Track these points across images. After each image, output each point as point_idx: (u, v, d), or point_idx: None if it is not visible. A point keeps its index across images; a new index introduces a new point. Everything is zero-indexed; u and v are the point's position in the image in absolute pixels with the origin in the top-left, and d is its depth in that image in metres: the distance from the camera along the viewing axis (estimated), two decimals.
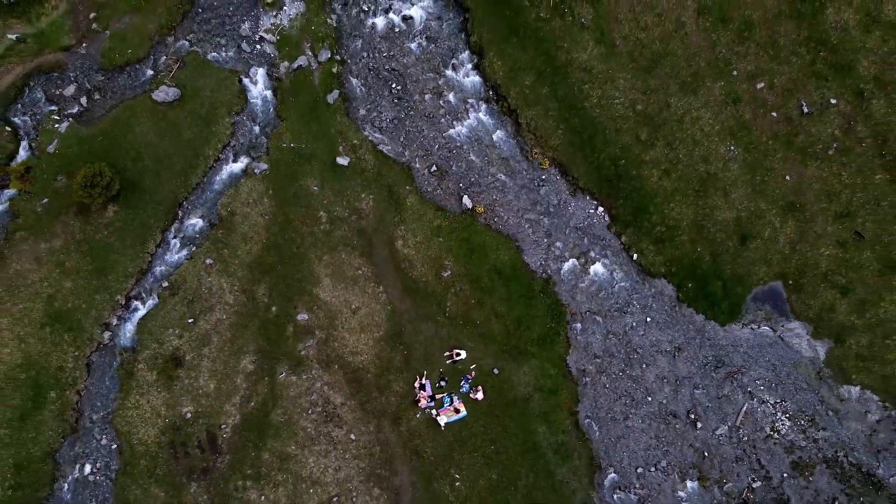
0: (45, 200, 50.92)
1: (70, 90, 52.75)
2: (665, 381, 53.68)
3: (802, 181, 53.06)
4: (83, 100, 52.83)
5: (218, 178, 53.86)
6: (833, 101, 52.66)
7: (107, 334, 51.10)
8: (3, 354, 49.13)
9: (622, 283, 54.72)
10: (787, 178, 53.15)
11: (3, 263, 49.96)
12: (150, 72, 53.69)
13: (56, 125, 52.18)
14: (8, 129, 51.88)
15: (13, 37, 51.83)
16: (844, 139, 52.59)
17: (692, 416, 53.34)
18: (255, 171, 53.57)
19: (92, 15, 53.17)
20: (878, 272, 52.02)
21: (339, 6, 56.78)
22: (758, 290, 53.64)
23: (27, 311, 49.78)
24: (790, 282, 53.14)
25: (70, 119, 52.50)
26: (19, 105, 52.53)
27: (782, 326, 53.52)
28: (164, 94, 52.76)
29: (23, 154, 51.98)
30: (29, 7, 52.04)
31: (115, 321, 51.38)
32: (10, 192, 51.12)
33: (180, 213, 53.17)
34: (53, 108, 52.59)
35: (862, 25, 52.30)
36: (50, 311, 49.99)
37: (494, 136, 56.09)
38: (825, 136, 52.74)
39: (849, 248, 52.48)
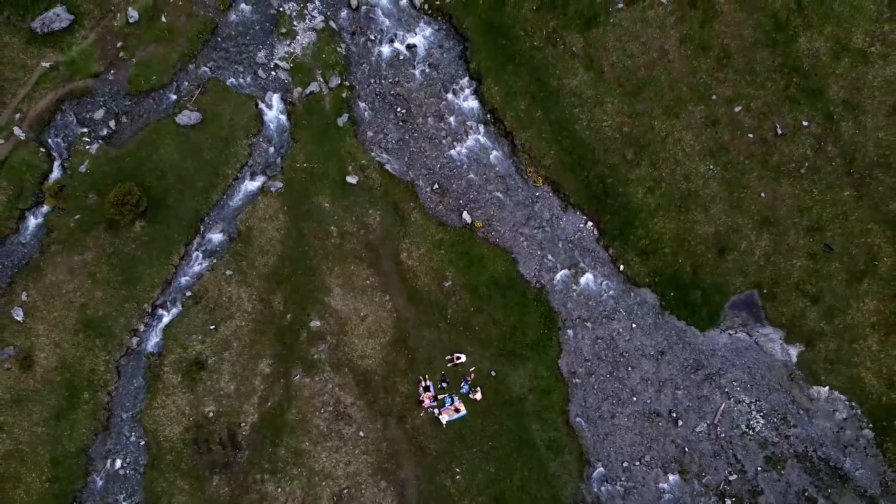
0: (78, 216, 52.42)
1: (99, 114, 54.19)
2: (649, 382, 54.77)
3: (776, 198, 54.54)
4: (112, 123, 54.21)
5: (237, 196, 55.08)
6: (805, 124, 54.18)
7: (135, 340, 52.46)
8: (41, 358, 50.56)
9: (610, 292, 56.04)
10: (762, 194, 54.58)
11: (40, 274, 51.48)
12: (173, 97, 54.90)
13: (87, 146, 53.45)
14: (42, 150, 53.18)
15: (46, 65, 53.43)
16: (815, 158, 54.17)
17: (674, 415, 54.45)
18: (271, 189, 54.89)
19: (119, 44, 54.66)
20: (846, 282, 53.72)
21: (348, 36, 57.89)
22: (735, 298, 54.88)
23: (62, 318, 51.24)
24: (765, 291, 54.60)
25: (100, 141, 53.68)
26: (52, 128, 53.64)
27: (757, 332, 54.84)
28: (187, 117, 54.30)
29: (56, 173, 53.37)
30: (61, 37, 53.68)
31: (142, 328, 52.67)
32: (45, 208, 52.65)
33: (202, 228, 54.43)
34: (84, 130, 53.70)
35: (832, 53, 53.76)
36: (83, 318, 51.41)
37: (492, 157, 57.53)
38: (798, 155, 54.31)
39: (819, 259, 53.95)
